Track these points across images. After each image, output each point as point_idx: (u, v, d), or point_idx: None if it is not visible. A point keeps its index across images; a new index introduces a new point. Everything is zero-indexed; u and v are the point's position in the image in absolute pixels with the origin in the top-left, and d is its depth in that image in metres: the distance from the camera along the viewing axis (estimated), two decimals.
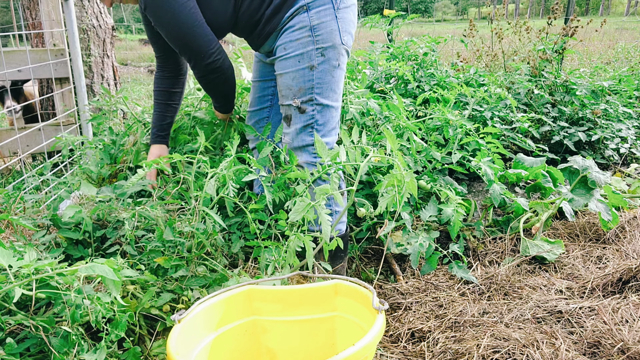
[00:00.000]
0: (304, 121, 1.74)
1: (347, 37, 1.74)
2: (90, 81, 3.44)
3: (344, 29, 1.71)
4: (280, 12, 1.70)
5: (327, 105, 1.75)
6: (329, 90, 1.73)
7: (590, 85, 3.37)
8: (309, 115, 1.74)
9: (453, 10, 43.47)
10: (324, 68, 1.70)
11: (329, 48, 1.69)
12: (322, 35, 1.67)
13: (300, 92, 1.72)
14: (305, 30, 1.67)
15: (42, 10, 2.93)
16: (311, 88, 1.71)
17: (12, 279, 1.01)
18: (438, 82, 3.09)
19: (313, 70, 1.69)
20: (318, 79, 1.71)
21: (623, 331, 1.52)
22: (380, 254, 2.16)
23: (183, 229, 1.52)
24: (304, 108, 1.73)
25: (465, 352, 1.52)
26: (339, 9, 1.69)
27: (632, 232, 2.23)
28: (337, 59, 1.72)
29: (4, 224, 1.73)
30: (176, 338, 1.07)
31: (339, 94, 1.80)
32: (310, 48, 1.68)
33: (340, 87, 1.79)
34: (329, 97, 1.74)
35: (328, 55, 1.69)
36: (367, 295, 1.17)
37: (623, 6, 34.16)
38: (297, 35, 1.68)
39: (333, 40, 1.69)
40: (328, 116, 1.76)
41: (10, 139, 2.73)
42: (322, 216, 1.37)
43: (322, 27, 1.67)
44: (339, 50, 1.72)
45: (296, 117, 1.75)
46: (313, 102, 1.72)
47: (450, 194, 2.03)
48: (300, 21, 1.67)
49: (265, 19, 1.73)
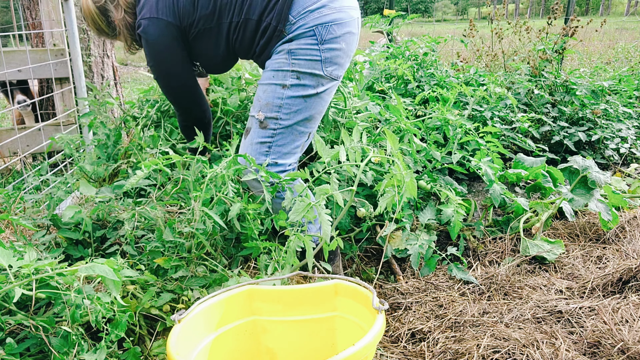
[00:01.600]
0: (261, 137, 1.71)
1: (333, 68, 1.70)
2: (90, 81, 3.44)
3: (329, 61, 1.68)
4: (267, 48, 1.72)
5: (291, 127, 1.71)
6: (298, 114, 1.70)
7: (590, 85, 3.37)
8: (269, 132, 1.71)
9: (453, 10, 43.48)
10: (296, 90, 1.67)
11: (306, 74, 1.67)
12: (300, 61, 1.66)
13: (267, 106, 1.70)
14: (283, 54, 1.68)
15: (42, 10, 2.93)
16: (279, 107, 1.68)
17: (12, 279, 1.02)
18: (438, 82, 3.09)
19: (285, 89, 1.67)
20: (288, 98, 1.68)
21: (623, 331, 1.52)
22: (380, 253, 2.16)
23: (183, 230, 1.52)
24: (266, 124, 1.70)
25: (465, 352, 1.52)
26: (324, 41, 1.66)
27: (632, 232, 2.23)
28: (315, 87, 1.69)
29: (4, 224, 1.73)
30: (176, 338, 1.07)
31: (312, 122, 1.75)
32: (286, 68, 1.67)
33: (315, 116, 1.75)
34: (296, 121, 1.71)
35: (304, 80, 1.67)
36: (367, 295, 1.17)
37: (623, 6, 34.17)
38: (278, 57, 1.69)
39: (312, 68, 1.67)
40: (289, 139, 1.72)
41: (10, 139, 2.73)
42: (322, 216, 1.37)
43: (300, 53, 1.66)
44: (319, 80, 1.69)
45: (255, 131, 1.72)
46: (277, 121, 1.69)
47: (450, 194, 2.03)
48: (283, 49, 1.69)
49: (257, 54, 1.77)
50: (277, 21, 1.66)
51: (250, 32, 1.72)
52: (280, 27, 1.67)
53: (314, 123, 1.77)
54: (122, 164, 2.17)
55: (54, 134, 2.90)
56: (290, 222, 1.44)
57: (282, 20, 1.66)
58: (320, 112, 1.77)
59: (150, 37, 1.76)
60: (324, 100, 1.75)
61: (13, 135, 2.77)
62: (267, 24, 1.68)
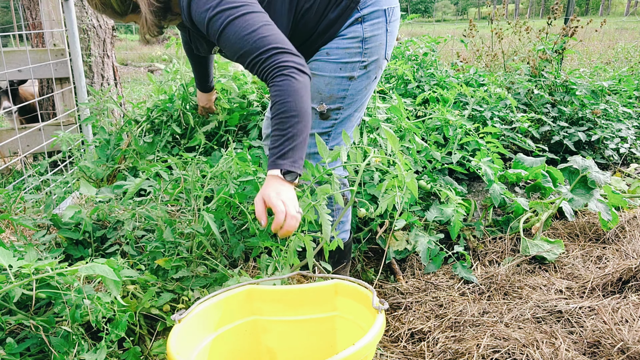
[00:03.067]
0: (322, 128, 1.69)
1: (389, 51, 1.70)
2: (90, 81, 3.44)
3: (390, 43, 1.68)
4: (335, 25, 1.61)
5: (350, 115, 1.70)
6: (358, 102, 1.69)
7: (590, 85, 3.37)
8: (330, 122, 1.69)
9: (453, 10, 43.48)
10: (362, 80, 1.65)
11: (373, 62, 1.64)
12: (371, 49, 1.62)
13: (331, 99, 1.66)
14: (356, 41, 1.60)
15: (42, 10, 2.93)
16: (343, 98, 1.66)
17: (12, 279, 1.02)
18: (438, 82, 3.09)
19: (351, 80, 1.64)
20: (353, 90, 1.66)
21: (623, 331, 1.52)
22: (379, 254, 2.16)
23: (184, 230, 1.52)
24: (328, 115, 1.67)
25: (465, 352, 1.52)
26: (390, 22, 1.64)
27: (632, 232, 2.23)
28: (376, 72, 1.68)
29: (4, 224, 1.73)
30: (176, 338, 1.07)
31: (365, 103, 1.76)
32: (356, 59, 1.61)
33: (367, 99, 1.75)
34: (356, 107, 1.70)
35: (370, 68, 1.65)
36: (367, 295, 1.17)
37: (623, 6, 34.18)
38: (347, 44, 1.61)
39: (379, 53, 1.64)
40: (347, 125, 1.72)
41: (10, 139, 2.73)
42: (323, 216, 1.37)
43: (373, 40, 1.61)
44: (380, 64, 1.68)
45: (316, 122, 1.69)
46: (340, 111, 1.68)
47: (451, 194, 2.03)
48: (353, 31, 1.60)
49: (317, 33, 1.62)
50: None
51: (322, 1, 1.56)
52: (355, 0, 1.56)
53: (365, 105, 1.76)
54: (120, 167, 2.17)
55: (54, 134, 2.90)
56: None
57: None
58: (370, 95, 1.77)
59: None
60: (375, 83, 1.74)
61: (13, 135, 2.77)
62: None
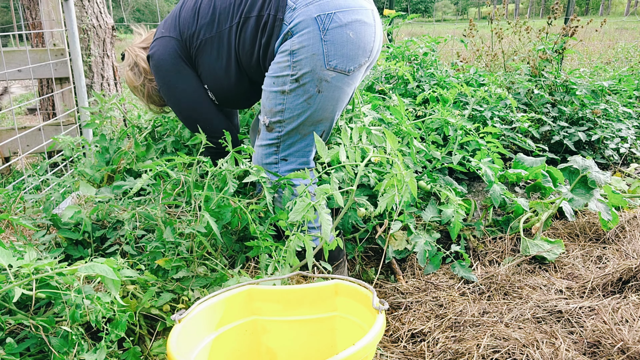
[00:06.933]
0: (269, 139, 1.73)
1: (338, 61, 1.59)
2: (90, 81, 3.44)
3: (332, 52, 1.58)
4: (270, 47, 1.65)
5: (296, 129, 1.69)
6: (301, 116, 1.67)
7: (590, 85, 3.37)
8: (274, 134, 1.72)
9: (453, 10, 43.47)
10: (297, 94, 1.63)
11: (306, 74, 1.59)
12: (301, 61, 1.58)
13: (271, 112, 1.69)
14: (285, 55, 1.60)
15: (42, 10, 2.93)
16: (281, 112, 1.67)
17: (12, 279, 1.01)
18: (438, 82, 3.09)
19: (285, 95, 1.64)
20: (290, 104, 1.65)
21: (623, 331, 1.52)
22: (379, 253, 2.16)
23: (184, 230, 1.52)
24: (272, 127, 1.71)
25: (465, 352, 1.52)
26: (327, 30, 1.55)
27: (632, 232, 2.23)
28: (316, 85, 1.61)
29: (4, 224, 1.73)
30: (176, 338, 1.07)
31: (321, 120, 1.70)
32: (285, 73, 1.61)
33: (323, 114, 1.69)
34: (300, 122, 1.68)
35: (303, 81, 1.61)
36: (367, 295, 1.17)
37: (623, 6, 34.18)
38: (278, 58, 1.63)
39: (312, 65, 1.58)
40: (296, 139, 1.72)
41: (10, 139, 2.73)
42: (322, 216, 1.37)
43: (302, 52, 1.57)
44: (321, 76, 1.60)
45: (263, 133, 1.74)
46: (282, 124, 1.69)
47: (450, 194, 2.03)
48: (284, 46, 1.61)
49: (262, 59, 1.69)
50: (275, 9, 1.59)
51: (251, 30, 1.64)
52: (279, 16, 1.58)
53: (324, 121, 1.72)
54: (119, 167, 2.17)
55: (54, 133, 2.90)
56: (291, 222, 1.43)
57: (281, 7, 1.58)
58: (328, 109, 1.69)
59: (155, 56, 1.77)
60: (331, 97, 1.66)
61: (13, 135, 2.77)
62: (266, 17, 1.60)
